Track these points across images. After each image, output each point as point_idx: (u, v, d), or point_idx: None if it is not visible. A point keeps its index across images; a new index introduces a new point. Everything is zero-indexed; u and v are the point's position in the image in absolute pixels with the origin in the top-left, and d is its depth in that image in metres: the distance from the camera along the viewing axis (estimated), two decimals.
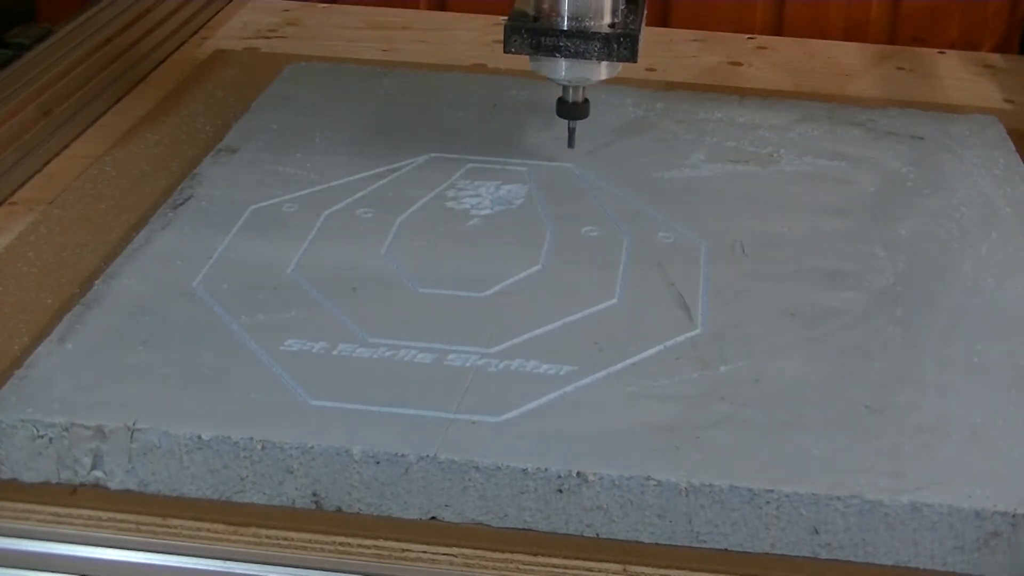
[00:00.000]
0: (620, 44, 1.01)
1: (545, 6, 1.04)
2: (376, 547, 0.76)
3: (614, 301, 0.94)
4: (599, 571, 0.75)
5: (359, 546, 0.77)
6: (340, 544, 0.77)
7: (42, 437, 0.80)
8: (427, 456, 0.78)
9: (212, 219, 1.03)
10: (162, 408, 0.81)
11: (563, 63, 1.04)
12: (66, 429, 0.80)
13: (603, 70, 1.05)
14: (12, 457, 0.80)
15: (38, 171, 1.17)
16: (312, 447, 0.78)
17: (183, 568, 0.77)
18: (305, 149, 1.16)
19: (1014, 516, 0.75)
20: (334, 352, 0.87)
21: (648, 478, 0.77)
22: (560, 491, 0.77)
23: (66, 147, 1.21)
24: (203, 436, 0.79)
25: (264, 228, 1.03)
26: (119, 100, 1.31)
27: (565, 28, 1.02)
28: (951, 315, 0.94)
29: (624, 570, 0.75)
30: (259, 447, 0.79)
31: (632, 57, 1.02)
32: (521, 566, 0.76)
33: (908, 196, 1.11)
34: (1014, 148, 1.21)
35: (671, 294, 0.95)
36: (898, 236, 1.04)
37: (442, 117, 1.23)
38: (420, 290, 0.95)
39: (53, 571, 0.78)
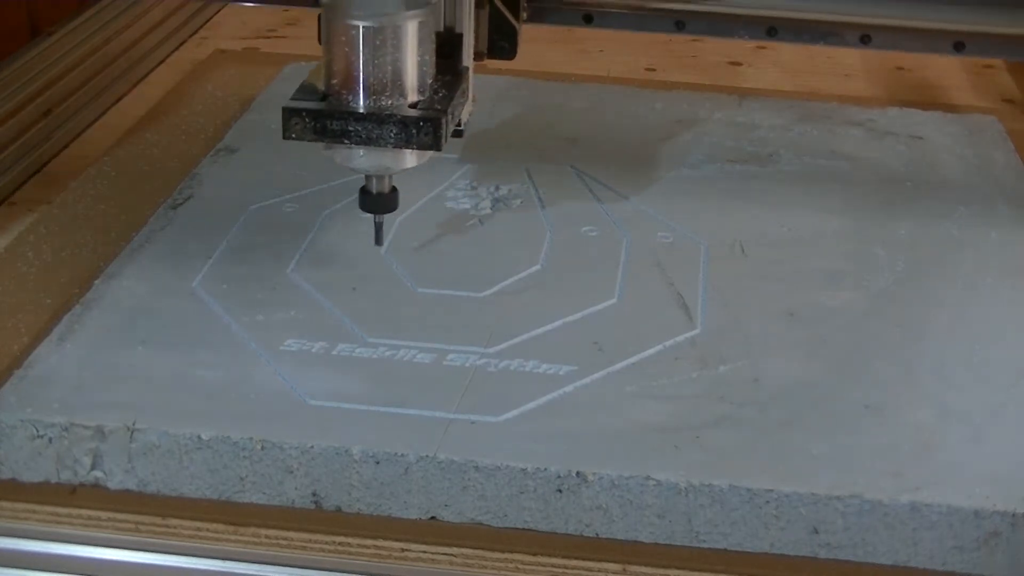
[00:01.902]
0: (420, 130, 0.84)
1: (335, 81, 0.86)
2: (376, 547, 0.76)
3: (614, 301, 0.94)
4: (599, 571, 0.75)
5: (359, 546, 0.77)
6: (340, 544, 0.77)
7: (42, 437, 0.80)
8: (427, 456, 0.78)
9: (212, 219, 1.03)
10: (162, 408, 0.81)
11: (358, 150, 0.87)
12: (66, 429, 0.80)
13: (409, 157, 0.88)
14: (12, 457, 0.80)
15: (38, 171, 1.16)
16: (312, 447, 0.78)
17: (183, 568, 0.77)
18: (305, 149, 1.16)
19: (1014, 516, 0.75)
20: (334, 352, 0.87)
21: (648, 478, 0.77)
22: (560, 491, 0.77)
23: (66, 147, 1.21)
24: (203, 436, 0.79)
25: (264, 228, 1.03)
26: (119, 100, 1.31)
27: (356, 109, 0.85)
28: (951, 315, 0.94)
29: (624, 570, 0.75)
30: (259, 447, 0.79)
31: (435, 145, 0.85)
32: (521, 566, 0.76)
33: (908, 196, 1.11)
34: (1014, 148, 1.21)
35: (671, 294, 0.95)
36: (898, 236, 1.04)
37: None
38: (420, 290, 0.95)
39: (53, 571, 0.77)
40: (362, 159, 0.88)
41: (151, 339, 0.88)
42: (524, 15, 1.03)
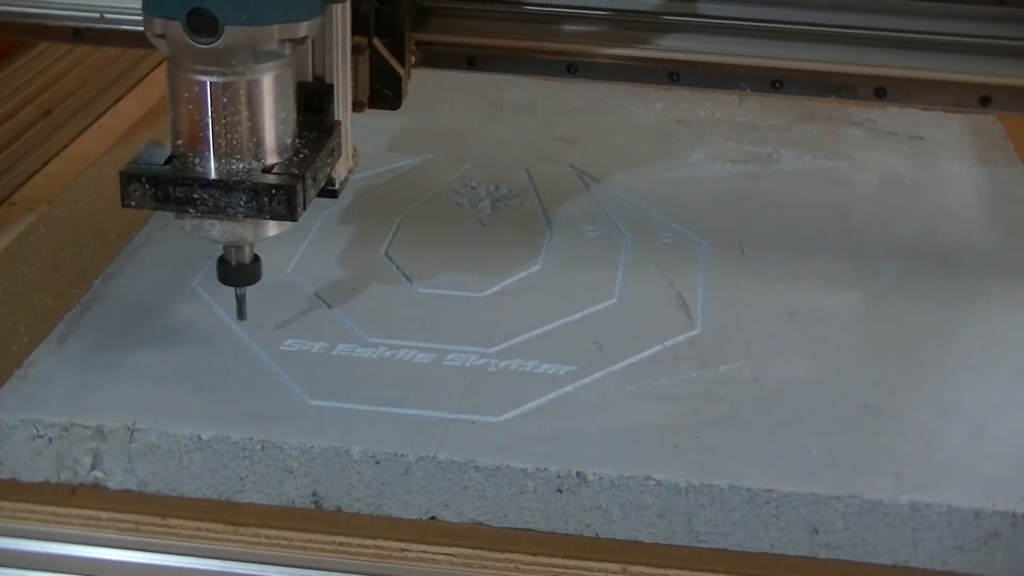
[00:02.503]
0: (273, 198, 0.75)
1: (181, 141, 0.77)
2: (376, 547, 0.76)
3: (614, 301, 0.94)
4: (599, 571, 0.75)
5: (359, 546, 0.77)
6: (340, 544, 0.77)
7: (42, 437, 0.80)
8: (427, 456, 0.78)
9: None
10: (162, 408, 0.81)
11: (210, 220, 0.78)
12: (66, 429, 0.80)
13: (269, 226, 0.79)
14: (12, 457, 0.80)
15: (38, 171, 1.16)
16: (312, 447, 0.78)
17: (183, 568, 0.77)
18: None
19: (1014, 516, 0.75)
20: (334, 352, 0.87)
21: (648, 478, 0.77)
22: (560, 491, 0.77)
23: (66, 147, 1.21)
24: (203, 436, 0.79)
25: None
26: (119, 100, 1.31)
27: (203, 175, 0.76)
28: (951, 315, 0.94)
29: (624, 570, 0.75)
30: (259, 447, 0.79)
31: (289, 214, 0.76)
32: (521, 566, 0.75)
33: (908, 196, 1.11)
34: (1014, 148, 1.21)
35: (671, 294, 0.95)
36: (898, 236, 1.04)
37: (442, 117, 1.23)
38: (420, 290, 0.95)
39: (53, 571, 0.77)
40: (215, 230, 0.79)
41: (151, 339, 0.88)
42: (412, 59, 0.93)
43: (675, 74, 0.95)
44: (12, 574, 0.78)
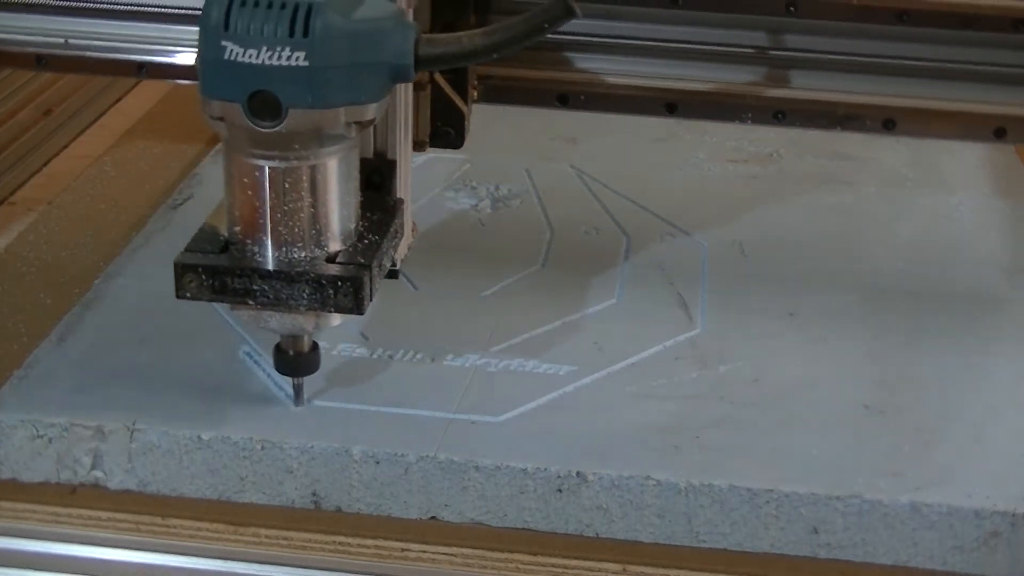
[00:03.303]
0: (338, 291, 0.72)
1: (238, 228, 0.74)
2: (376, 547, 0.76)
3: (614, 301, 0.94)
4: (599, 571, 0.75)
5: (359, 546, 0.77)
6: (340, 544, 0.77)
7: (42, 437, 0.80)
8: (427, 456, 0.78)
9: None
10: (162, 408, 0.81)
11: (268, 312, 0.75)
12: (66, 429, 0.80)
13: (333, 317, 0.76)
14: (12, 457, 0.80)
15: (38, 171, 1.16)
16: (312, 447, 0.78)
17: (183, 568, 0.77)
18: None
19: (1014, 516, 0.75)
20: (334, 352, 0.87)
21: (648, 478, 0.77)
22: (560, 491, 0.77)
23: (66, 147, 1.21)
24: (203, 436, 0.79)
25: None
26: (119, 100, 1.31)
27: (263, 265, 0.73)
28: (951, 315, 0.94)
29: (624, 570, 0.75)
30: (259, 447, 0.79)
31: (356, 308, 0.72)
32: (521, 566, 0.75)
33: (908, 196, 1.11)
34: (1013, 148, 1.21)
35: (671, 294, 0.95)
36: (898, 236, 1.04)
37: None
38: (420, 290, 0.95)
39: (53, 571, 0.77)
40: (274, 320, 0.76)
41: (151, 339, 0.88)
42: (474, 94, 0.88)
43: (672, 105, 0.91)
44: (12, 574, 0.78)
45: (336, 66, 0.69)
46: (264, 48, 0.68)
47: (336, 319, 0.76)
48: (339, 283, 0.72)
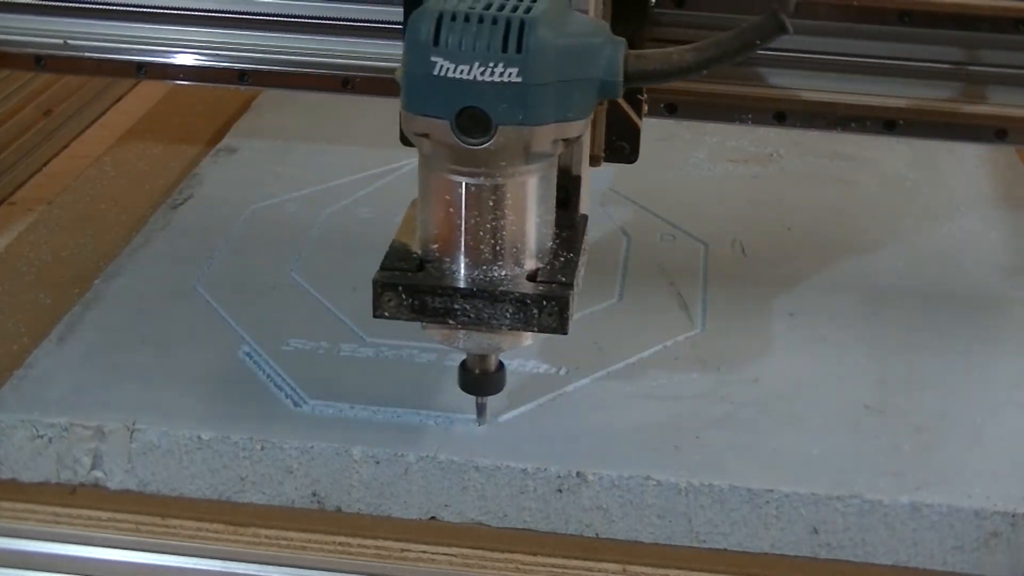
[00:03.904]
0: (543, 310, 0.70)
1: (435, 246, 0.73)
2: (376, 547, 0.76)
3: (614, 301, 0.94)
4: (599, 571, 0.75)
5: (359, 546, 0.77)
6: (340, 544, 0.77)
7: (42, 437, 0.80)
8: (427, 456, 0.78)
9: (212, 219, 1.03)
10: (162, 408, 0.81)
11: (462, 331, 0.74)
12: (66, 429, 0.80)
13: (525, 336, 0.75)
14: (12, 457, 0.80)
15: (38, 171, 1.16)
16: (312, 447, 0.78)
17: (183, 568, 0.77)
18: (305, 149, 1.16)
19: (1014, 516, 0.75)
20: (334, 352, 0.87)
21: (648, 478, 0.77)
22: (560, 491, 0.77)
23: (66, 147, 1.21)
24: (203, 436, 0.79)
25: (264, 228, 1.03)
26: (119, 100, 1.31)
27: (461, 285, 0.71)
28: (951, 315, 0.94)
29: (624, 570, 0.75)
30: (259, 447, 0.79)
31: (560, 328, 0.71)
32: (521, 566, 0.75)
33: (908, 196, 1.11)
34: (1014, 148, 1.20)
35: (671, 294, 0.95)
36: (898, 236, 1.04)
37: None
38: None
39: (53, 571, 0.77)
40: (466, 340, 0.74)
41: (151, 339, 0.88)
42: (645, 108, 0.86)
43: (671, 105, 0.91)
44: (12, 574, 0.78)
45: (547, 83, 0.67)
46: (476, 64, 0.66)
47: (528, 339, 0.75)
48: (544, 302, 0.70)
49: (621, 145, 0.84)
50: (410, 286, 0.71)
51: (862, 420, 0.82)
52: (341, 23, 0.91)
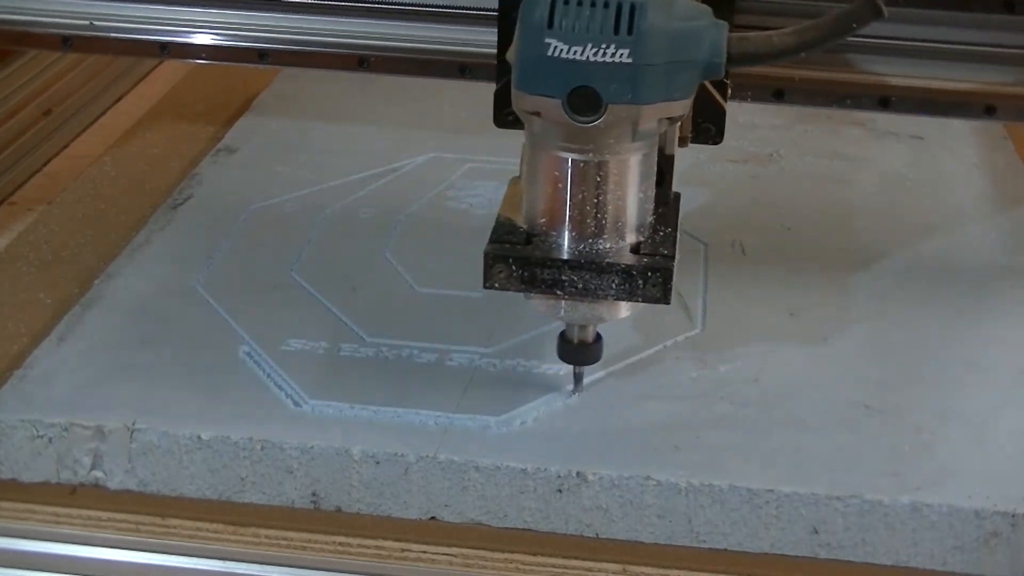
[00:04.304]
0: (648, 280, 0.75)
1: (541, 220, 0.76)
2: (376, 547, 0.76)
3: None
4: (599, 571, 0.75)
5: (359, 546, 0.77)
6: (340, 544, 0.77)
7: (42, 437, 0.80)
8: (427, 456, 0.78)
9: (212, 219, 1.03)
10: (162, 408, 0.81)
11: (563, 302, 0.78)
12: (66, 429, 0.80)
13: (623, 307, 0.78)
14: (12, 457, 0.80)
15: (38, 171, 1.16)
16: (312, 447, 0.78)
17: (183, 568, 0.77)
18: (305, 149, 1.16)
19: (1014, 516, 0.75)
20: (334, 352, 0.87)
21: (648, 478, 0.77)
22: (560, 491, 0.77)
23: (66, 147, 1.21)
24: (203, 436, 0.79)
25: (264, 228, 1.03)
26: (119, 100, 1.31)
27: (568, 256, 0.75)
28: (951, 315, 0.94)
29: (624, 570, 0.75)
30: (259, 447, 0.79)
31: (664, 298, 0.75)
32: (521, 566, 0.75)
33: (908, 196, 1.11)
34: (1013, 148, 1.21)
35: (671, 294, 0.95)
36: (898, 236, 1.04)
37: (442, 117, 1.23)
38: (420, 290, 0.95)
39: (53, 571, 0.77)
40: (569, 311, 0.78)
41: (151, 339, 0.88)
42: (729, 91, 0.88)
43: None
44: (12, 574, 0.78)
45: (656, 64, 0.71)
46: (588, 45, 0.70)
47: (625, 311, 0.78)
48: (649, 273, 0.74)
49: (707, 127, 0.86)
50: (520, 258, 0.75)
51: (862, 420, 0.82)
52: (357, 4, 0.95)
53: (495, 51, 0.84)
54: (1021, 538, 0.75)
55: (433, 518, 0.79)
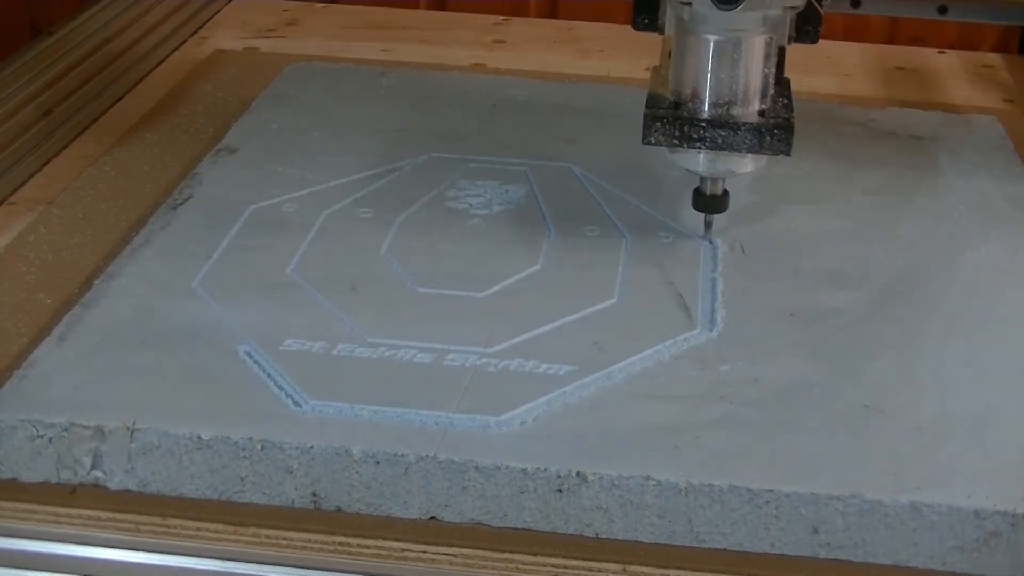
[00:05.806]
0: (773, 136, 0.92)
1: (687, 91, 0.94)
2: (376, 547, 0.76)
3: (614, 301, 0.94)
4: (599, 571, 0.75)
5: (359, 546, 0.77)
6: (340, 544, 0.77)
7: (41, 437, 0.80)
8: (427, 456, 0.78)
9: (212, 219, 1.03)
10: (162, 408, 0.81)
11: (703, 155, 0.95)
12: (66, 429, 0.80)
13: (749, 162, 0.96)
14: (12, 457, 0.80)
15: (38, 171, 1.17)
16: (312, 447, 0.78)
17: (183, 568, 0.77)
18: (305, 149, 1.16)
19: (1014, 516, 0.75)
20: (334, 352, 0.87)
21: (648, 478, 0.77)
22: (560, 491, 0.77)
23: (66, 147, 1.21)
24: (203, 436, 0.79)
25: (264, 228, 1.03)
26: (119, 100, 1.31)
27: (710, 117, 0.93)
28: (951, 315, 0.94)
29: (624, 570, 0.75)
30: (259, 447, 0.79)
31: (787, 150, 0.93)
32: (521, 566, 0.76)
33: (908, 196, 1.11)
34: (1013, 148, 1.21)
35: (671, 294, 0.95)
36: (898, 236, 1.04)
37: (442, 117, 1.23)
38: (420, 290, 0.95)
39: (53, 571, 0.77)
40: (706, 163, 0.96)
41: (151, 339, 0.88)
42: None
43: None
44: (12, 574, 0.78)
45: None
46: None
47: (749, 165, 0.96)
48: (775, 130, 0.92)
49: (807, 29, 1.00)
50: (673, 118, 0.93)
51: (862, 420, 0.82)
52: None
53: None
54: (1021, 538, 0.75)
55: (433, 518, 0.79)
